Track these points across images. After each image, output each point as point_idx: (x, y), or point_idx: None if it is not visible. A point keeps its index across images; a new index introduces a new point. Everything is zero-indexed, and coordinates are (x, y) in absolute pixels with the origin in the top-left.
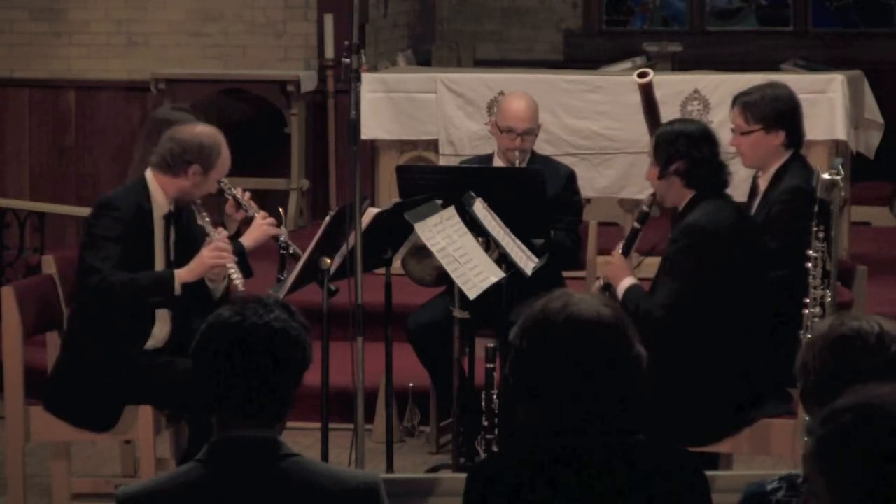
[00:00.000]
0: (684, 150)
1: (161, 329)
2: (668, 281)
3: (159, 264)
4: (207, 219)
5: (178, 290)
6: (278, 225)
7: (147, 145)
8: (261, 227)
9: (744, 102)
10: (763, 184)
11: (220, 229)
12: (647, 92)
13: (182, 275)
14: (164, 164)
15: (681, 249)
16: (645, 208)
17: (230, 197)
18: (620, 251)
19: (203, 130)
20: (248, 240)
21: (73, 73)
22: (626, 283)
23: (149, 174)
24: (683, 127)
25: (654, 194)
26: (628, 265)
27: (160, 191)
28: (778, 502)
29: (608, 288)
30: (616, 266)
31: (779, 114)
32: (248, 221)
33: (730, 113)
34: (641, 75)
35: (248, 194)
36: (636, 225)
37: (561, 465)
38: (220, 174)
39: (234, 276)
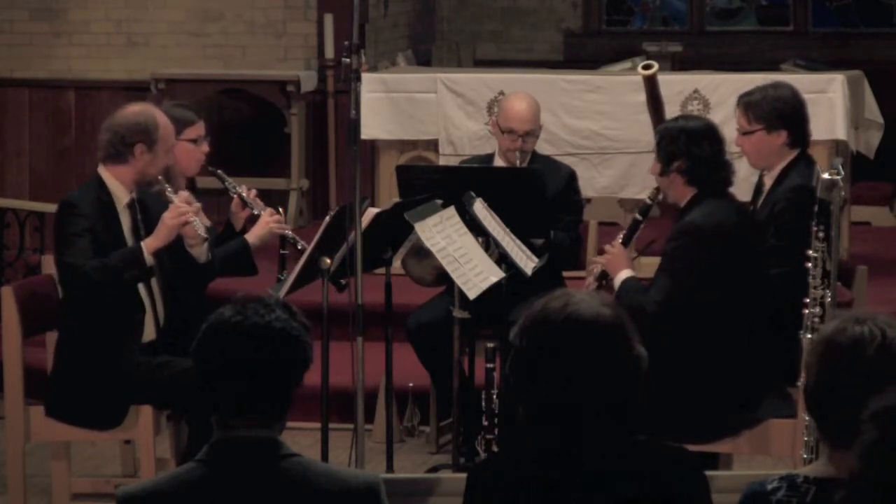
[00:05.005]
0: (685, 148)
1: (150, 317)
2: (663, 277)
3: None
4: (170, 189)
5: (149, 259)
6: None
7: None
8: (266, 225)
9: (746, 103)
10: (768, 182)
11: (181, 192)
12: (651, 85)
13: (149, 243)
14: (110, 155)
15: (676, 248)
16: (648, 201)
17: (235, 195)
18: (620, 241)
19: (134, 109)
20: (252, 236)
21: (73, 73)
22: (624, 274)
23: (101, 169)
24: (686, 124)
25: (657, 188)
26: (628, 256)
27: (116, 182)
28: (778, 502)
29: (605, 277)
30: (615, 256)
31: (780, 114)
32: (253, 219)
33: (734, 113)
34: (646, 67)
35: (253, 192)
36: (638, 216)
37: (560, 465)
38: (166, 145)
39: (199, 229)
